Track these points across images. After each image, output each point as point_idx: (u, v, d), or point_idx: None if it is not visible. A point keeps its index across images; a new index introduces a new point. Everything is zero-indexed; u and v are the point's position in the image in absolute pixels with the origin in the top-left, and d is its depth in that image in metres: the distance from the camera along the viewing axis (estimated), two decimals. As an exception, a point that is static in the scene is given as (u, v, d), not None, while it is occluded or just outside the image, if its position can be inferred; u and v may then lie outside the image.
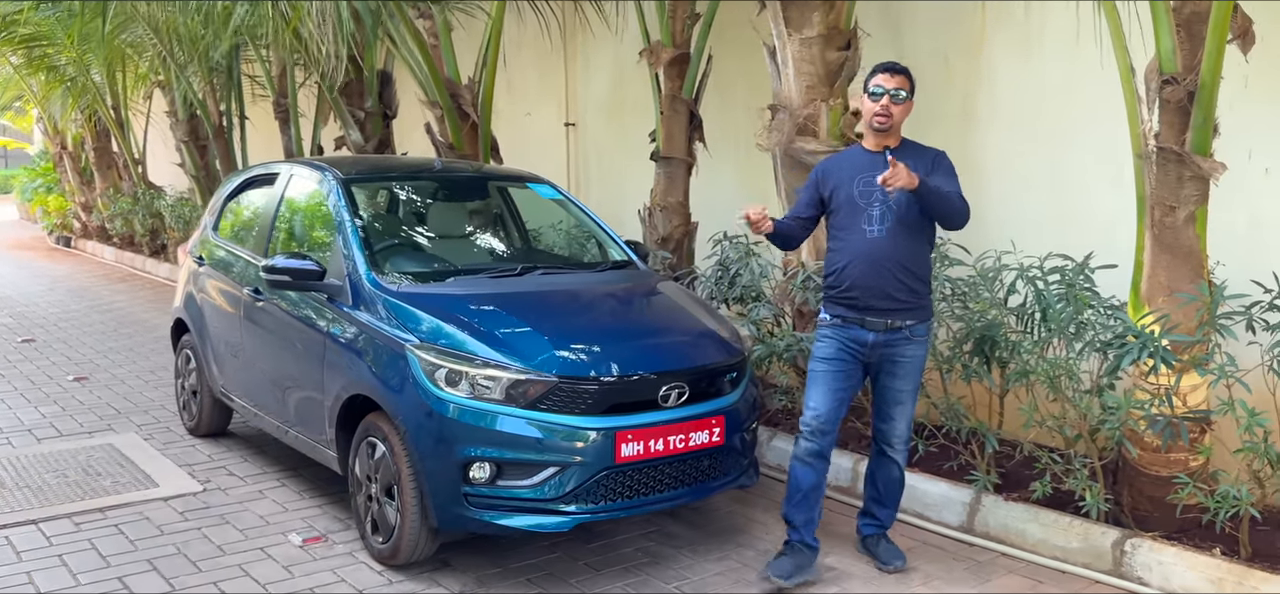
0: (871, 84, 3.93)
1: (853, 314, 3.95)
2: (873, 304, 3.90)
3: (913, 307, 3.94)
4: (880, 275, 3.87)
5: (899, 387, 4.02)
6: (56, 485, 5.11)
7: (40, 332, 9.62)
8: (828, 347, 4.02)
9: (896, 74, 3.91)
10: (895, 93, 3.88)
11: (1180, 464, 4.09)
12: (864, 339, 3.95)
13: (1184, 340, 3.89)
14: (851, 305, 3.94)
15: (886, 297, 3.89)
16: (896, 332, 3.93)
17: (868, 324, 3.93)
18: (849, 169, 4.00)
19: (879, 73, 3.93)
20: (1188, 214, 3.98)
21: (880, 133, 3.94)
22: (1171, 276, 4.03)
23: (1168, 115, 3.93)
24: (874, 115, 3.91)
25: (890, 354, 3.97)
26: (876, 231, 3.88)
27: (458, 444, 3.81)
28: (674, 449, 3.99)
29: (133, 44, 12.32)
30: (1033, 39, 5.35)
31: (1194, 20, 3.83)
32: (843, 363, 3.99)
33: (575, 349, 3.99)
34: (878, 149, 3.95)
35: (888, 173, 3.64)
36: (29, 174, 22.00)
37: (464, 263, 4.87)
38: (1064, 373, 4.23)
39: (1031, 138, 5.43)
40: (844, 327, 3.97)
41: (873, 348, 3.96)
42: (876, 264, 3.88)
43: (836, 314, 4.00)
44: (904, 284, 3.90)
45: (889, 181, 3.64)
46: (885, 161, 3.74)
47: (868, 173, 3.89)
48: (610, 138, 8.40)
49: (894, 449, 4.12)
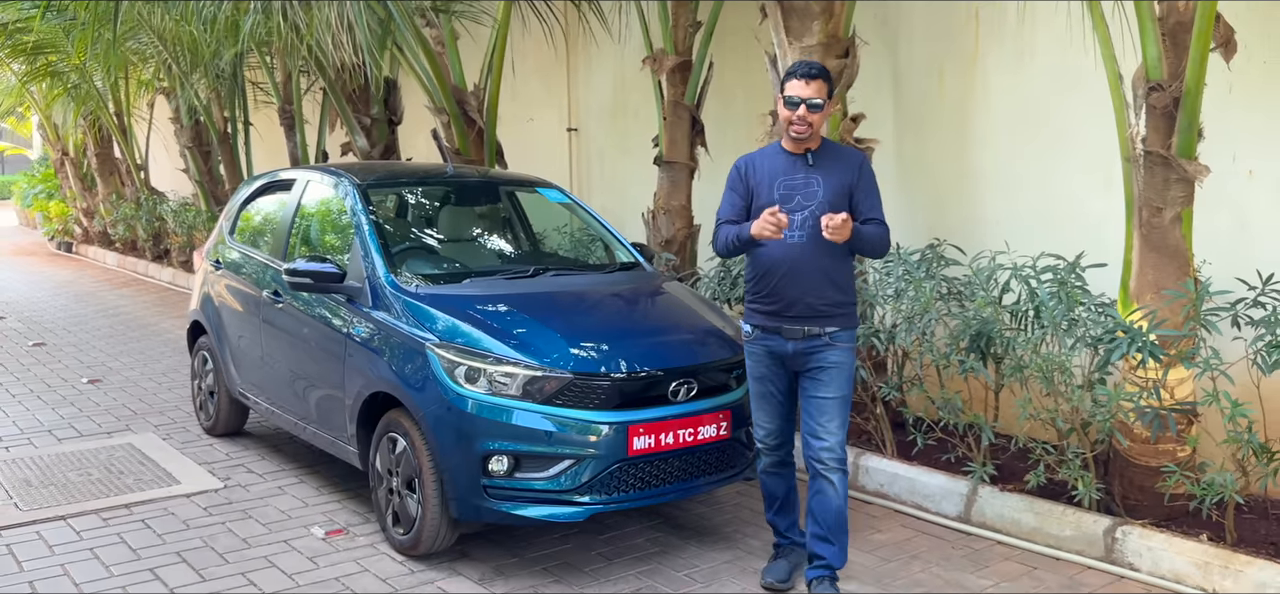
0: (787, 90, 3.71)
1: (770, 323, 3.80)
2: (790, 312, 3.75)
3: (832, 314, 3.76)
4: (799, 284, 3.72)
5: (824, 395, 3.78)
6: (81, 483, 5.26)
7: (49, 336, 9.77)
8: (757, 364, 3.92)
9: (812, 80, 3.68)
10: (812, 102, 3.67)
11: (1168, 455, 4.27)
12: (782, 349, 3.81)
13: (1171, 335, 4.07)
14: (769, 313, 3.80)
15: (806, 306, 3.74)
16: (815, 340, 3.76)
17: (785, 332, 3.78)
18: (768, 171, 3.81)
19: (794, 79, 3.69)
20: (1174, 215, 4.16)
21: (799, 141, 3.77)
22: (1159, 275, 4.21)
23: (1154, 120, 4.12)
24: (791, 125, 3.71)
25: (811, 361, 3.79)
26: (797, 238, 3.70)
27: (477, 438, 3.97)
28: (683, 442, 4.16)
29: (137, 51, 12.47)
30: (1025, 47, 5.53)
31: (1179, 30, 4.02)
32: (772, 379, 3.90)
33: (588, 347, 4.16)
34: (799, 152, 3.79)
35: (826, 223, 3.55)
36: (29, 180, 22.11)
37: (478, 265, 5.03)
38: (1057, 368, 4.41)
39: (1025, 143, 5.61)
40: (764, 336, 3.85)
41: (793, 357, 3.81)
42: (796, 272, 3.72)
43: (755, 323, 3.87)
44: (824, 293, 3.74)
45: (827, 230, 3.55)
46: (806, 163, 3.72)
47: (788, 176, 3.76)
48: (612, 143, 8.58)
49: (828, 467, 3.79)
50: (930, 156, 6.08)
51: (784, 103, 3.71)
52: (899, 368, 5.29)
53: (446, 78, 7.62)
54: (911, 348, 5.06)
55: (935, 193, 6.04)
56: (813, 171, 3.76)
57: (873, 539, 4.57)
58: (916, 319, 4.96)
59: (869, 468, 5.17)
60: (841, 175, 3.74)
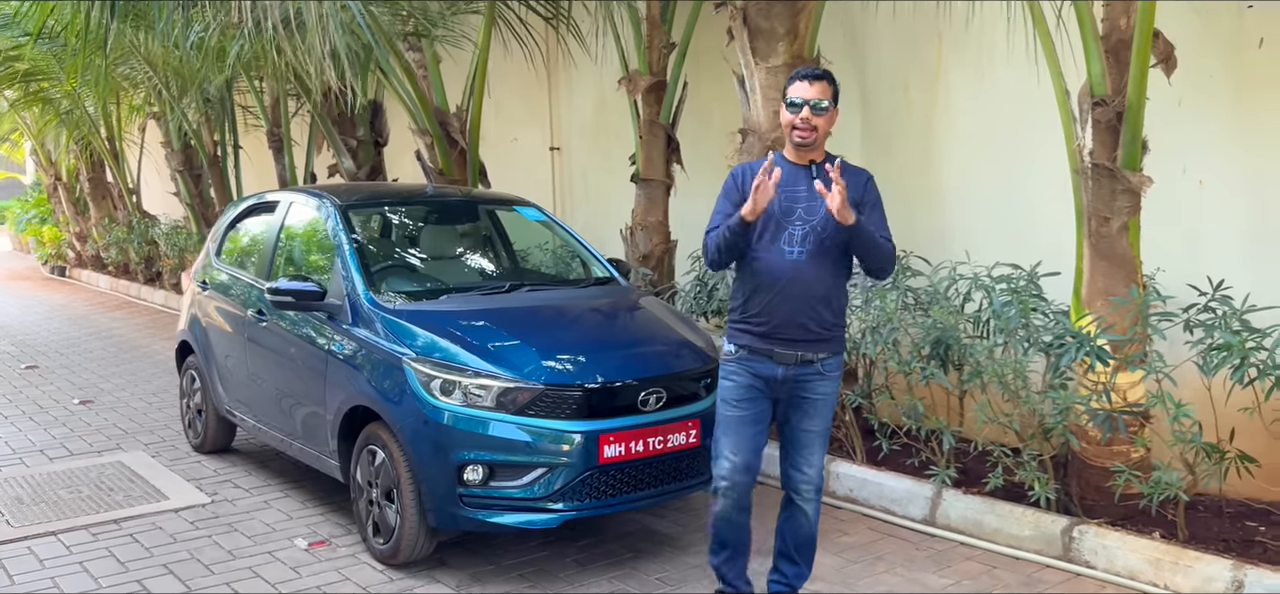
0: (790, 93, 3.49)
1: (761, 345, 3.55)
2: (784, 335, 3.51)
3: (826, 339, 3.57)
4: (797, 304, 3.48)
5: (809, 427, 3.62)
6: (72, 500, 5.40)
7: (42, 358, 9.89)
8: (736, 386, 3.61)
9: (816, 81, 3.47)
10: (816, 103, 3.44)
11: (1122, 456, 4.42)
12: (772, 374, 3.57)
13: (1118, 339, 4.23)
14: (761, 335, 3.54)
15: (800, 328, 3.51)
16: (807, 366, 3.55)
17: (777, 357, 3.54)
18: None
19: (797, 80, 3.49)
20: (1121, 224, 4.33)
21: (803, 148, 3.53)
22: (1108, 282, 4.38)
23: (1099, 134, 4.29)
24: (794, 130, 3.48)
25: (800, 391, 3.59)
26: (797, 254, 3.46)
27: (453, 449, 4.12)
28: (653, 450, 4.30)
29: (128, 77, 12.63)
30: (984, 65, 5.72)
31: (1120, 46, 4.20)
32: (753, 404, 3.60)
33: (560, 359, 4.32)
34: (803, 162, 3.55)
35: (831, 193, 3.29)
36: (22, 205, 22.21)
37: (456, 282, 5.19)
38: (1013, 373, 4.56)
39: (986, 156, 5.79)
40: (750, 359, 3.57)
41: (781, 383, 3.58)
42: (794, 291, 3.48)
43: (742, 344, 3.59)
44: (821, 315, 3.53)
45: (831, 205, 3.31)
46: (810, 175, 3.47)
47: (791, 187, 3.50)
48: (594, 161, 8.75)
49: (805, 497, 3.69)
50: (898, 171, 6.25)
51: (786, 107, 3.48)
52: (867, 376, 5.45)
53: (429, 100, 7.80)
54: (877, 356, 5.22)
55: (904, 205, 6.19)
56: (816, 184, 3.46)
57: (840, 542, 4.71)
58: (882, 328, 5.12)
59: (839, 474, 5.32)
60: (847, 190, 3.42)
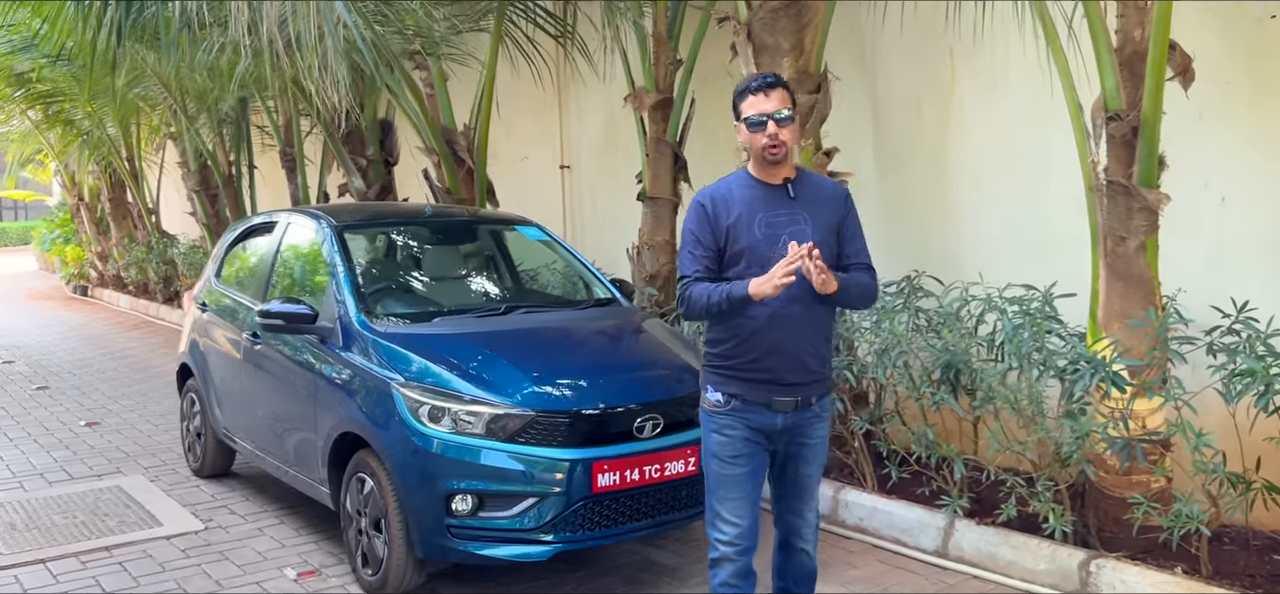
0: (746, 110, 3.12)
1: (757, 394, 3.17)
2: (785, 380, 3.16)
3: (822, 377, 3.26)
4: (796, 345, 3.14)
5: (808, 473, 3.34)
6: (65, 526, 5.31)
7: (55, 379, 9.88)
8: (731, 442, 3.22)
9: (772, 90, 3.11)
10: (779, 116, 3.09)
11: (1142, 486, 4.22)
12: (771, 425, 3.20)
13: (1135, 365, 4.04)
14: (757, 382, 3.16)
15: (802, 369, 3.17)
16: (806, 411, 3.23)
17: (776, 405, 3.17)
18: (745, 205, 3.16)
19: (751, 95, 3.12)
20: (1138, 244, 4.14)
21: (774, 166, 3.15)
22: (1125, 304, 4.19)
23: (1114, 150, 4.11)
24: (765, 149, 3.10)
25: (799, 438, 3.27)
26: (792, 290, 3.05)
27: (441, 478, 3.99)
28: (650, 479, 4.15)
29: (145, 98, 12.69)
30: (998, 79, 5.54)
31: (1135, 59, 4.02)
32: (752, 459, 3.24)
33: (552, 384, 4.18)
34: (776, 182, 3.18)
35: (809, 266, 2.94)
36: (48, 225, 22.46)
37: (451, 304, 5.07)
38: (1027, 399, 4.38)
39: (1001, 172, 5.61)
40: (745, 410, 3.19)
41: (781, 433, 3.23)
42: (794, 330, 3.13)
43: (733, 394, 3.19)
44: (821, 352, 3.23)
45: (816, 285, 2.99)
46: (789, 197, 3.15)
47: (770, 212, 3.14)
48: (603, 179, 8.63)
49: (805, 540, 3.43)
50: (910, 188, 6.09)
51: (747, 126, 3.12)
52: (877, 400, 5.28)
53: (435, 118, 7.71)
54: (886, 380, 5.05)
55: (917, 224, 6.04)
56: (797, 206, 3.16)
57: (848, 576, 4.53)
58: (891, 351, 4.95)
59: (848, 502, 5.14)
60: (828, 211, 3.20)
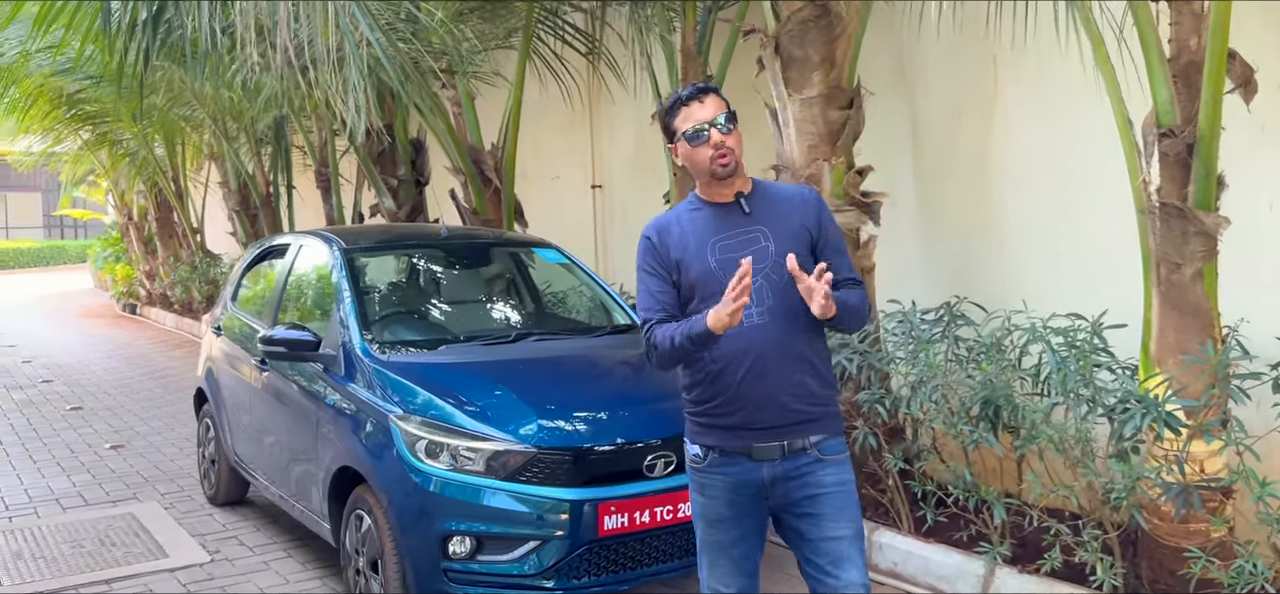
0: (680, 124, 2.77)
1: (734, 442, 2.78)
2: (761, 422, 2.75)
3: (815, 416, 2.78)
4: (772, 380, 2.73)
5: (831, 533, 2.75)
6: (71, 556, 5.19)
7: (90, 399, 9.88)
8: (712, 501, 2.84)
9: (705, 96, 2.79)
10: (718, 124, 2.74)
11: (1200, 536, 3.86)
12: (755, 478, 2.78)
13: (1191, 405, 3.69)
14: (730, 428, 2.78)
15: (781, 409, 2.74)
16: (799, 456, 2.76)
17: (756, 453, 2.76)
18: (693, 233, 2.81)
19: (682, 107, 2.79)
20: (1195, 271, 3.79)
21: (724, 179, 2.78)
22: (1181, 336, 3.84)
23: (1168, 169, 3.77)
24: (714, 161, 2.74)
25: (800, 490, 2.77)
26: (756, 317, 2.72)
27: (437, 518, 3.76)
28: (661, 521, 3.89)
29: (188, 118, 12.78)
30: (1045, 91, 5.21)
31: (1190, 70, 3.68)
32: (739, 522, 2.83)
33: (558, 418, 3.93)
34: (726, 199, 2.82)
35: (813, 299, 2.58)
36: (101, 244, 22.85)
37: (460, 330, 4.86)
38: (1073, 439, 4.04)
39: (1047, 187, 5.26)
40: (724, 464, 2.80)
41: (772, 487, 2.78)
42: (765, 364, 2.73)
43: (710, 445, 2.82)
44: (805, 386, 2.77)
45: (815, 309, 2.59)
46: (743, 213, 2.78)
47: (724, 234, 2.78)
48: (635, 198, 8.40)
49: None
50: (950, 203, 5.75)
51: (685, 141, 2.76)
52: (913, 436, 4.95)
53: (463, 137, 7.55)
54: (921, 415, 4.72)
55: (960, 240, 5.70)
56: (753, 223, 2.78)
57: (876, 625, 4.22)
58: (927, 384, 4.62)
59: (882, 545, 4.82)
60: (793, 218, 2.80)
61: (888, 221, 5.40)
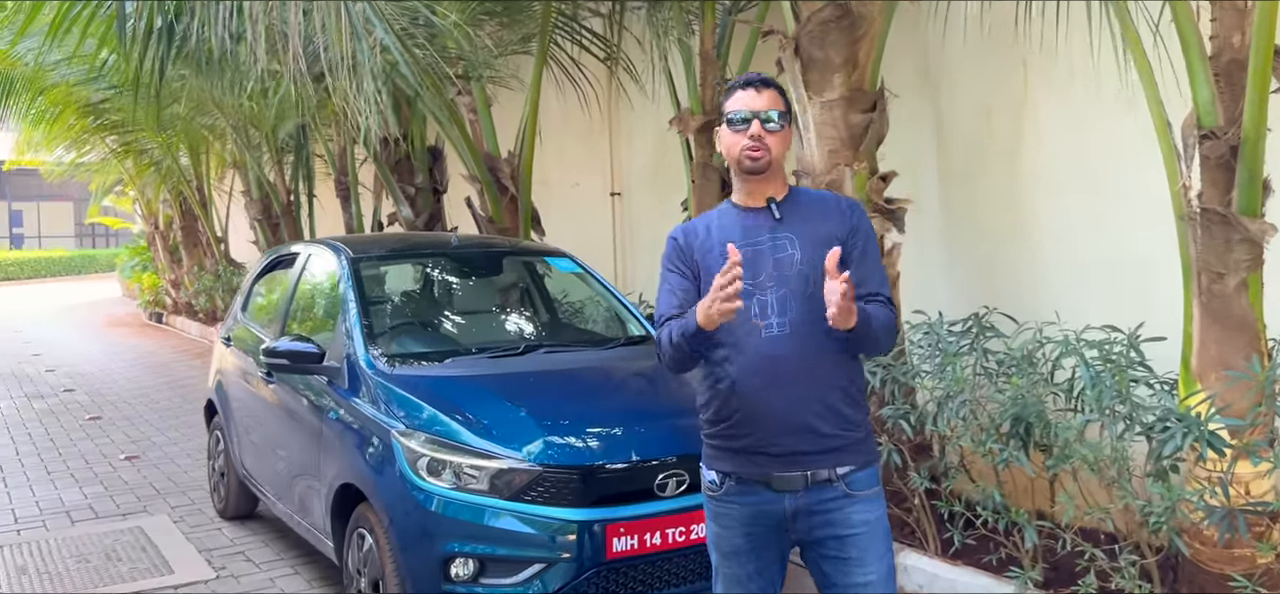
0: (730, 106, 2.62)
1: (751, 468, 2.55)
2: (780, 447, 2.52)
3: (844, 442, 2.54)
4: (792, 400, 2.50)
5: (860, 578, 2.53)
6: (76, 571, 5.09)
7: (109, 408, 9.85)
8: (729, 531, 2.63)
9: (764, 89, 2.61)
10: (766, 117, 2.57)
11: (1245, 562, 3.64)
12: (775, 510, 2.55)
13: (1235, 424, 3.47)
14: (747, 452, 2.55)
15: (804, 433, 2.51)
16: (824, 487, 2.52)
17: (776, 482, 2.53)
18: (721, 236, 2.62)
19: (739, 90, 2.63)
20: (1239, 281, 3.58)
21: (755, 176, 2.61)
22: (1224, 350, 3.62)
23: (1209, 173, 3.56)
24: (743, 152, 2.57)
25: (824, 528, 2.55)
26: (776, 328, 2.51)
27: (439, 538, 3.62)
28: (674, 543, 3.72)
29: (211, 127, 12.76)
30: (1078, 91, 4.99)
31: (1233, 69, 3.47)
32: (756, 556, 2.62)
33: (565, 435, 3.77)
34: (757, 203, 2.64)
35: (831, 302, 2.35)
36: (129, 252, 23.00)
37: (470, 342, 4.71)
38: (1109, 458, 3.83)
39: (1082, 196, 5.04)
40: (741, 492, 2.58)
41: (793, 520, 2.55)
42: (784, 383, 2.50)
43: (726, 471, 2.60)
44: (833, 408, 2.53)
45: (830, 314, 2.36)
46: (773, 219, 2.59)
47: (750, 239, 2.59)
48: (654, 206, 8.24)
49: None
50: (978, 208, 5.54)
51: (727, 126, 2.62)
52: (941, 453, 4.75)
53: (478, 145, 7.42)
54: (948, 432, 4.52)
55: (989, 245, 5.48)
56: (782, 229, 2.60)
57: (900, 652, 4.03)
58: (954, 399, 4.42)
59: (908, 567, 4.61)
60: (824, 227, 2.59)
61: (913, 229, 5.20)
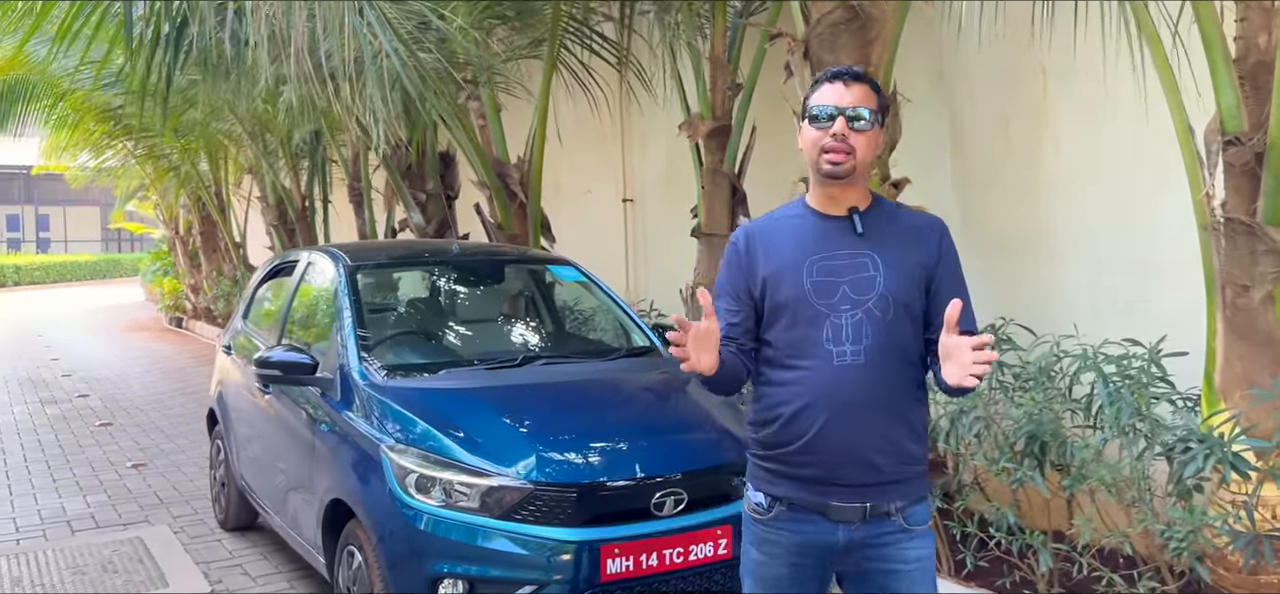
0: (813, 101, 2.34)
1: (809, 496, 2.37)
2: (844, 479, 2.34)
3: (905, 477, 2.37)
4: (859, 431, 2.32)
5: None
6: (71, 583, 5.01)
7: (122, 414, 9.82)
8: (772, 560, 2.44)
9: (853, 83, 2.31)
10: (854, 114, 2.29)
11: (1271, 589, 3.47)
12: (827, 541, 2.38)
13: (1260, 445, 3.29)
14: (808, 480, 2.37)
15: (868, 467, 2.33)
16: (882, 520, 2.35)
17: (833, 513, 2.35)
18: (793, 244, 2.39)
19: (825, 83, 2.35)
20: (1265, 294, 3.40)
21: (835, 181, 2.34)
22: (1249, 367, 3.45)
23: (1234, 181, 3.39)
24: (823, 153, 2.30)
25: (876, 562, 2.38)
26: (851, 355, 2.30)
27: (428, 558, 3.50)
28: (671, 564, 3.58)
29: (227, 133, 12.76)
30: (1097, 96, 4.82)
31: (1259, 72, 3.31)
32: (795, 582, 2.44)
33: (558, 451, 3.64)
34: (838, 211, 2.38)
35: (979, 358, 2.14)
36: (151, 257, 23.13)
37: (466, 352, 4.60)
38: (1128, 479, 3.66)
39: (1101, 204, 4.87)
40: (793, 518, 2.39)
41: (845, 553, 2.39)
42: (853, 412, 2.31)
43: (778, 496, 2.41)
44: (898, 443, 2.35)
45: (957, 378, 2.17)
46: (854, 233, 2.35)
47: (826, 254, 2.35)
48: (666, 213, 8.12)
49: None
50: (994, 216, 5.38)
51: (809, 121, 2.34)
52: (954, 470, 4.59)
53: (488, 151, 7.33)
54: (961, 449, 4.36)
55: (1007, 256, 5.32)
56: (864, 246, 2.35)
57: (909, 678, 3.86)
58: (967, 415, 4.26)
59: (918, 586, 4.45)
60: (911, 250, 2.36)
61: (926, 238, 5.04)
